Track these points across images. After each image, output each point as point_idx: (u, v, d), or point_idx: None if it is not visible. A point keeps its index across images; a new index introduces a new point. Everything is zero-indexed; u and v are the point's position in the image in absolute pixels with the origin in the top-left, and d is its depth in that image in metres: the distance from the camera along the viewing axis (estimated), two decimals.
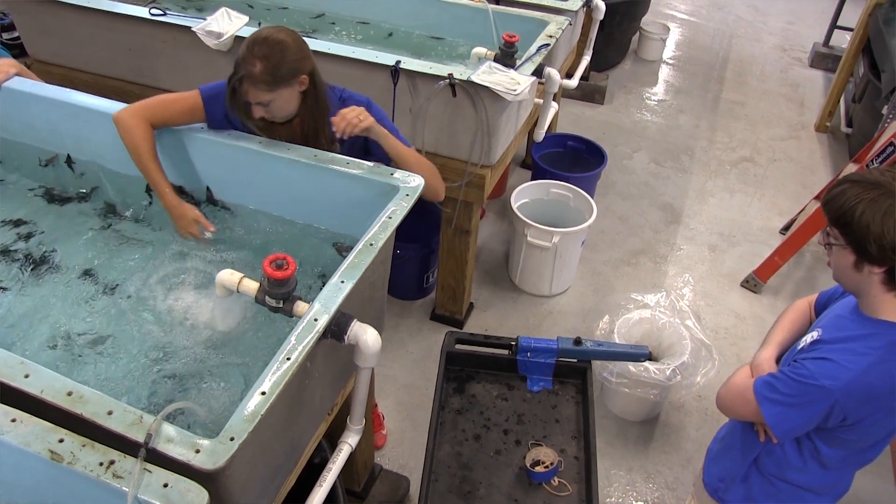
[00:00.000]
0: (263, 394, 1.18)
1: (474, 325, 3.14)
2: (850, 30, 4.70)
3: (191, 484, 1.07)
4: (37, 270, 1.84)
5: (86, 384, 1.19)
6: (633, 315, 2.72)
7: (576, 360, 1.87)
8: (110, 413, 1.14)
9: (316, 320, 1.32)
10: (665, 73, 5.36)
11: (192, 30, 2.39)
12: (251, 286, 1.46)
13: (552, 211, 3.35)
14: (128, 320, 1.71)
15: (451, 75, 2.30)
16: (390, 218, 1.60)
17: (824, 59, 5.50)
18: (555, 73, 2.67)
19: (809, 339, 1.51)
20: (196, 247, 1.90)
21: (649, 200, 3.99)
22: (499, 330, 3.10)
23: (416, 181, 1.72)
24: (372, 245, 1.51)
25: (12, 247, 1.90)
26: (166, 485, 1.06)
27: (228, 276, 1.48)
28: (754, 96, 5.11)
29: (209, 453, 1.09)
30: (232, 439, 1.11)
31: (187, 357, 1.61)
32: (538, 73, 2.47)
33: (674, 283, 3.44)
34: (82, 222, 2.00)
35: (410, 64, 2.38)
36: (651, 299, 2.82)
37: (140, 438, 1.10)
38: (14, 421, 1.14)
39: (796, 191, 4.13)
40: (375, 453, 2.50)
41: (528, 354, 1.86)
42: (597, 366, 2.35)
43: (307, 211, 1.89)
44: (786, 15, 6.47)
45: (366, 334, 1.39)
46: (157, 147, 1.87)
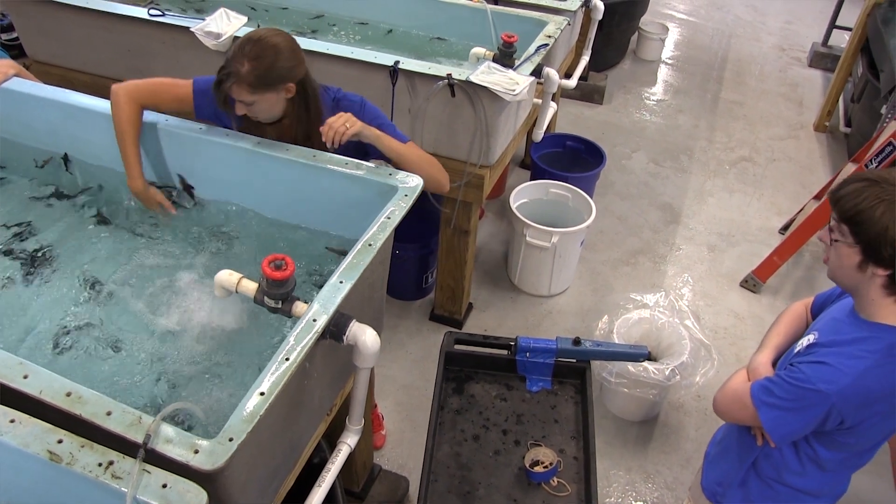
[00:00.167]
0: (262, 394, 1.18)
1: (473, 325, 3.14)
2: (849, 29, 4.70)
3: (190, 484, 1.07)
4: (34, 270, 1.83)
5: (84, 385, 1.19)
6: (633, 315, 2.72)
7: (575, 361, 1.87)
8: (109, 414, 1.14)
9: (315, 321, 1.32)
10: (664, 73, 5.36)
11: (191, 30, 2.38)
12: (250, 287, 1.45)
13: (551, 211, 3.36)
14: (125, 321, 1.71)
15: (449, 75, 2.30)
16: (389, 218, 1.59)
17: (823, 58, 5.50)
18: (553, 73, 2.68)
19: (806, 342, 1.50)
20: (196, 247, 1.90)
21: (648, 200, 3.99)
22: (498, 330, 3.10)
23: (415, 181, 1.72)
24: (371, 245, 1.51)
25: (9, 247, 1.90)
26: (165, 485, 1.06)
27: (227, 276, 1.48)
28: (753, 96, 5.11)
29: (208, 454, 1.09)
30: (231, 440, 1.11)
31: (186, 357, 1.61)
32: (537, 73, 2.47)
33: (673, 283, 3.44)
34: (80, 223, 2.00)
35: (409, 64, 2.38)
36: (650, 299, 2.82)
37: (139, 439, 1.10)
38: (13, 422, 1.14)
39: (795, 190, 4.14)
40: (375, 453, 2.50)
41: (528, 354, 1.86)
42: (596, 366, 2.35)
43: (306, 211, 1.89)
44: (784, 15, 6.47)
45: (365, 335, 1.39)
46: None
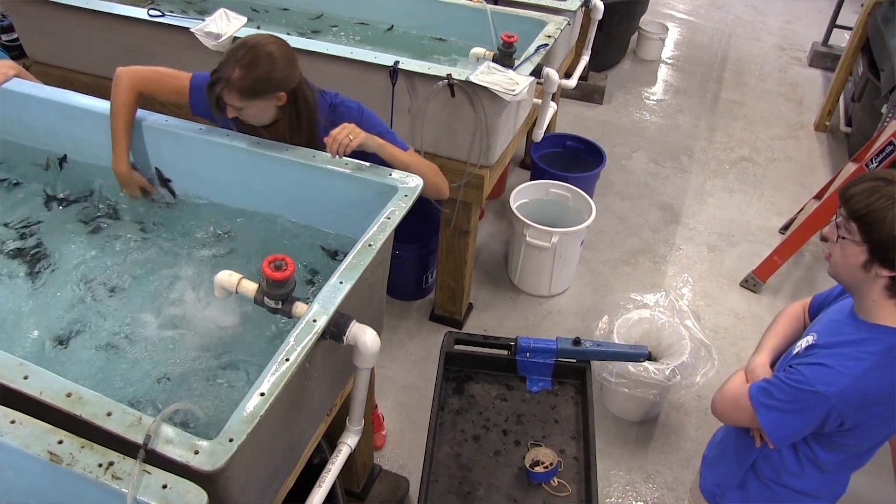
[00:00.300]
0: (262, 395, 1.18)
1: (473, 325, 3.14)
2: (849, 29, 4.70)
3: (190, 485, 1.07)
4: (33, 270, 1.83)
5: (84, 385, 1.19)
6: (633, 315, 2.72)
7: (575, 361, 1.87)
8: (109, 414, 1.14)
9: (315, 321, 1.32)
10: (664, 73, 5.36)
11: (191, 31, 2.38)
12: (250, 287, 1.45)
13: (551, 211, 3.35)
14: (125, 321, 1.70)
15: (449, 75, 2.30)
16: (389, 218, 1.59)
17: (823, 58, 5.50)
18: (553, 73, 2.68)
19: (805, 343, 1.50)
20: (194, 247, 1.90)
21: (648, 200, 3.99)
22: (498, 330, 3.10)
23: (415, 181, 1.72)
24: (371, 245, 1.51)
25: (9, 247, 1.90)
26: (165, 486, 1.07)
27: (227, 277, 1.48)
28: (753, 96, 5.11)
29: (208, 454, 1.09)
30: (231, 440, 1.11)
31: (186, 358, 1.61)
32: (537, 73, 2.47)
33: (673, 283, 3.44)
34: (79, 223, 2.00)
35: (409, 64, 2.38)
36: (650, 299, 2.82)
37: (139, 440, 1.10)
38: (13, 422, 1.14)
39: (795, 190, 4.13)
40: (375, 454, 2.50)
41: (528, 355, 1.86)
42: (596, 366, 2.35)
43: (306, 212, 1.89)
44: (784, 14, 6.47)
45: (365, 335, 1.39)
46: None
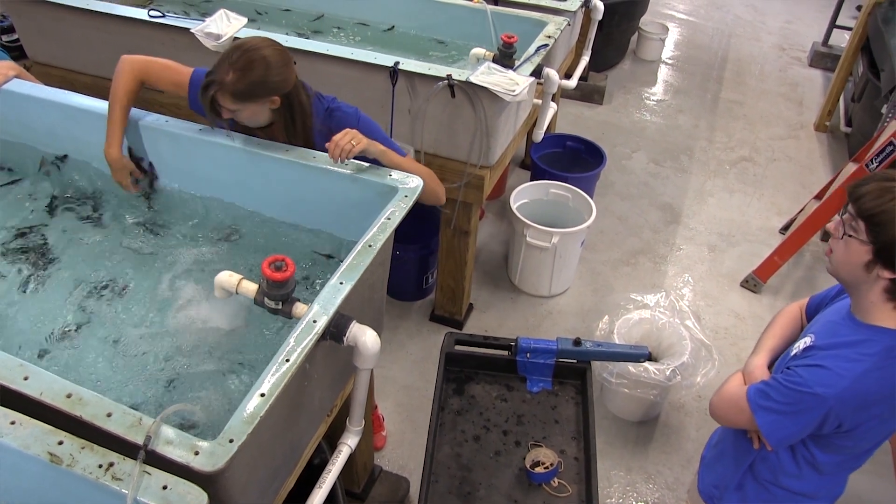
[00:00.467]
0: (262, 395, 1.18)
1: (474, 325, 3.14)
2: (849, 29, 4.70)
3: (190, 486, 1.07)
4: (34, 271, 1.83)
5: (84, 386, 1.19)
6: (633, 315, 2.71)
7: (575, 361, 1.87)
8: (109, 415, 1.14)
9: (315, 322, 1.32)
10: (664, 73, 5.36)
11: (191, 31, 2.38)
12: (250, 288, 1.45)
13: (551, 211, 3.35)
14: (125, 322, 1.71)
15: (449, 76, 2.30)
16: (389, 219, 1.59)
17: (823, 58, 5.50)
18: (553, 73, 2.68)
19: (802, 345, 1.49)
20: (194, 248, 1.90)
21: (648, 200, 3.99)
22: (498, 331, 3.10)
23: (415, 182, 1.72)
24: (371, 246, 1.51)
25: (9, 247, 1.90)
26: (165, 487, 1.06)
27: (227, 277, 1.48)
28: (753, 96, 5.11)
29: (208, 455, 1.09)
30: (231, 441, 1.11)
31: (186, 359, 1.61)
32: (537, 73, 2.47)
33: (673, 284, 3.44)
34: (80, 224, 2.00)
35: (409, 65, 2.37)
36: (651, 299, 2.82)
37: (139, 440, 1.10)
38: (13, 423, 1.14)
39: (795, 190, 4.13)
40: (375, 454, 2.50)
41: (528, 355, 1.86)
42: (596, 366, 2.35)
43: (305, 212, 1.89)
44: (784, 14, 6.47)
45: (365, 336, 1.39)
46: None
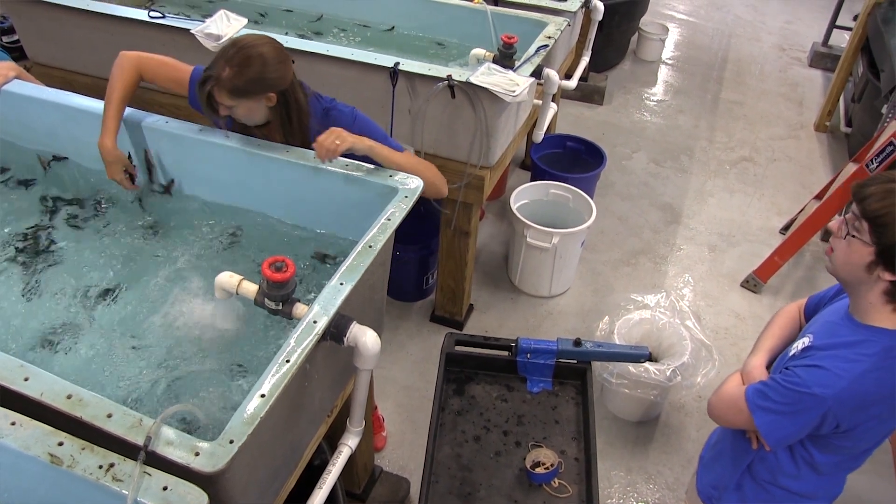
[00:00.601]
0: (263, 396, 1.18)
1: (474, 326, 3.14)
2: (849, 29, 4.70)
3: (190, 487, 1.07)
4: (34, 272, 1.83)
5: (84, 387, 1.19)
6: (633, 316, 2.71)
7: (576, 361, 1.87)
8: (110, 416, 1.14)
9: (315, 322, 1.32)
10: (664, 74, 5.36)
11: (191, 32, 2.38)
12: (250, 288, 1.45)
13: (552, 212, 3.35)
14: (125, 323, 1.71)
15: (449, 76, 2.30)
16: (389, 220, 1.59)
17: (823, 58, 5.50)
18: (553, 73, 2.68)
19: (801, 345, 1.49)
20: (193, 249, 1.90)
21: (649, 201, 3.99)
22: (498, 331, 3.10)
23: (415, 182, 1.72)
24: (371, 247, 1.51)
25: (9, 247, 1.90)
26: (166, 488, 1.06)
27: (227, 278, 1.48)
28: (753, 96, 5.11)
29: (209, 456, 1.09)
30: (231, 442, 1.11)
31: (186, 360, 1.61)
32: (537, 74, 2.47)
33: (674, 284, 3.44)
34: (80, 224, 2.00)
35: (409, 65, 2.37)
36: (651, 300, 2.82)
37: (139, 441, 1.10)
38: (14, 424, 1.14)
39: (796, 190, 4.13)
40: (375, 455, 2.50)
41: (528, 355, 1.86)
42: (597, 367, 2.34)
43: (306, 213, 1.89)
44: (784, 14, 6.47)
45: (365, 336, 1.39)
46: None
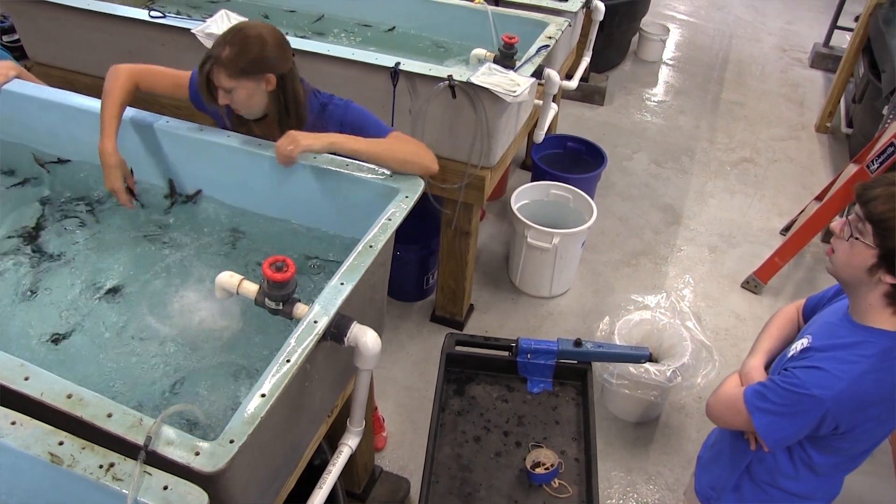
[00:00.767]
0: (263, 396, 1.18)
1: (474, 326, 3.14)
2: (850, 30, 4.70)
3: (191, 486, 1.07)
4: (34, 271, 1.83)
5: (85, 387, 1.19)
6: (634, 316, 2.71)
7: (576, 362, 1.87)
8: (110, 416, 1.14)
9: (315, 322, 1.32)
10: (665, 74, 5.36)
11: (192, 32, 2.39)
12: (251, 288, 1.45)
13: (552, 212, 3.35)
14: (126, 323, 1.70)
15: (450, 77, 2.30)
16: (390, 220, 1.59)
17: (824, 59, 5.50)
18: (554, 74, 2.68)
19: (799, 346, 1.49)
20: (194, 249, 1.90)
21: (649, 201, 3.99)
22: (499, 331, 3.10)
23: (416, 183, 1.72)
24: (372, 247, 1.51)
25: (9, 247, 1.90)
26: (166, 487, 1.06)
27: (228, 278, 1.48)
28: (754, 97, 5.11)
29: (209, 455, 1.09)
30: (232, 441, 1.11)
31: (186, 360, 1.61)
32: (538, 74, 2.47)
33: (674, 284, 3.44)
34: (80, 224, 2.00)
35: (410, 65, 2.37)
36: (651, 300, 2.82)
37: (140, 441, 1.10)
38: (14, 424, 1.14)
39: (796, 191, 4.13)
40: (376, 455, 2.50)
41: (529, 356, 1.86)
42: (597, 367, 2.34)
43: (306, 213, 1.89)
44: (785, 15, 6.47)
45: (365, 336, 1.39)
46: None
